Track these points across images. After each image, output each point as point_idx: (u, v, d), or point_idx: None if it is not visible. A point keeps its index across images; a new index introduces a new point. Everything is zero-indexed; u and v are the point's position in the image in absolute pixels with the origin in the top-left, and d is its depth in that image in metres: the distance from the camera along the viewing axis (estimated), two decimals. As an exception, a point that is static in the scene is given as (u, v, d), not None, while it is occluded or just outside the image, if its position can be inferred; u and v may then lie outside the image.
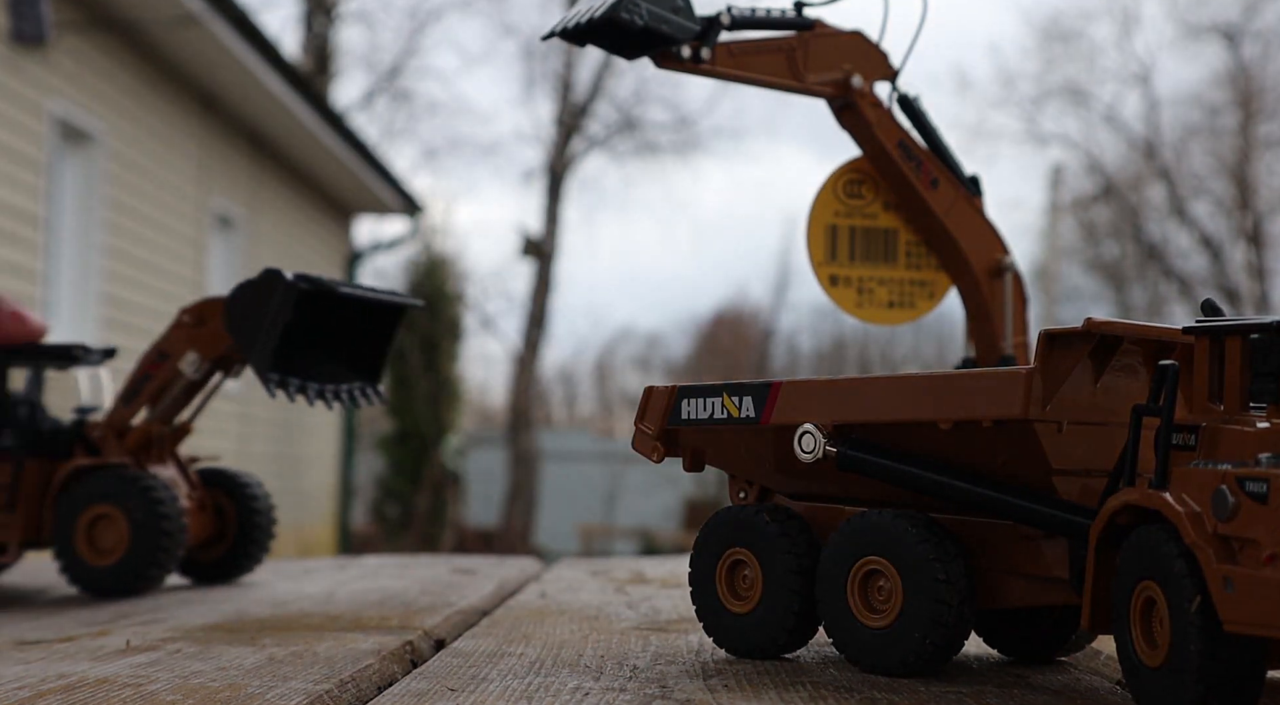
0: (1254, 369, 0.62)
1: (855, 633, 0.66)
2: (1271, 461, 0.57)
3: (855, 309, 1.18)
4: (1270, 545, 0.55)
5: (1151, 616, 0.59)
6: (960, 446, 0.67)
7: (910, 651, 0.67)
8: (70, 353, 1.48)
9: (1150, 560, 0.59)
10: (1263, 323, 0.62)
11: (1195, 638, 0.56)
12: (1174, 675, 0.58)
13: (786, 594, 0.70)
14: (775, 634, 0.70)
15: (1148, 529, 0.60)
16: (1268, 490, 0.56)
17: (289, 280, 0.99)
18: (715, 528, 0.74)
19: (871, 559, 0.66)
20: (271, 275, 1.00)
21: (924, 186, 1.19)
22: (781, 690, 0.65)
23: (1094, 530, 0.62)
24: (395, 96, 13.77)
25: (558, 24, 1.05)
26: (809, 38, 1.13)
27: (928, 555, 0.66)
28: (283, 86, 6.46)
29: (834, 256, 1.19)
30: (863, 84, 1.16)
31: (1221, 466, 0.59)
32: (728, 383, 0.71)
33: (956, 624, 0.67)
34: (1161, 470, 0.61)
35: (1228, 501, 0.57)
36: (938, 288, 1.24)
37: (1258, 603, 0.54)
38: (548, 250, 11.80)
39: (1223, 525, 0.57)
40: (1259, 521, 0.56)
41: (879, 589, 0.67)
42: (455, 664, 0.72)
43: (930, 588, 0.66)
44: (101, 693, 0.63)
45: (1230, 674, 0.56)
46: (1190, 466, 0.61)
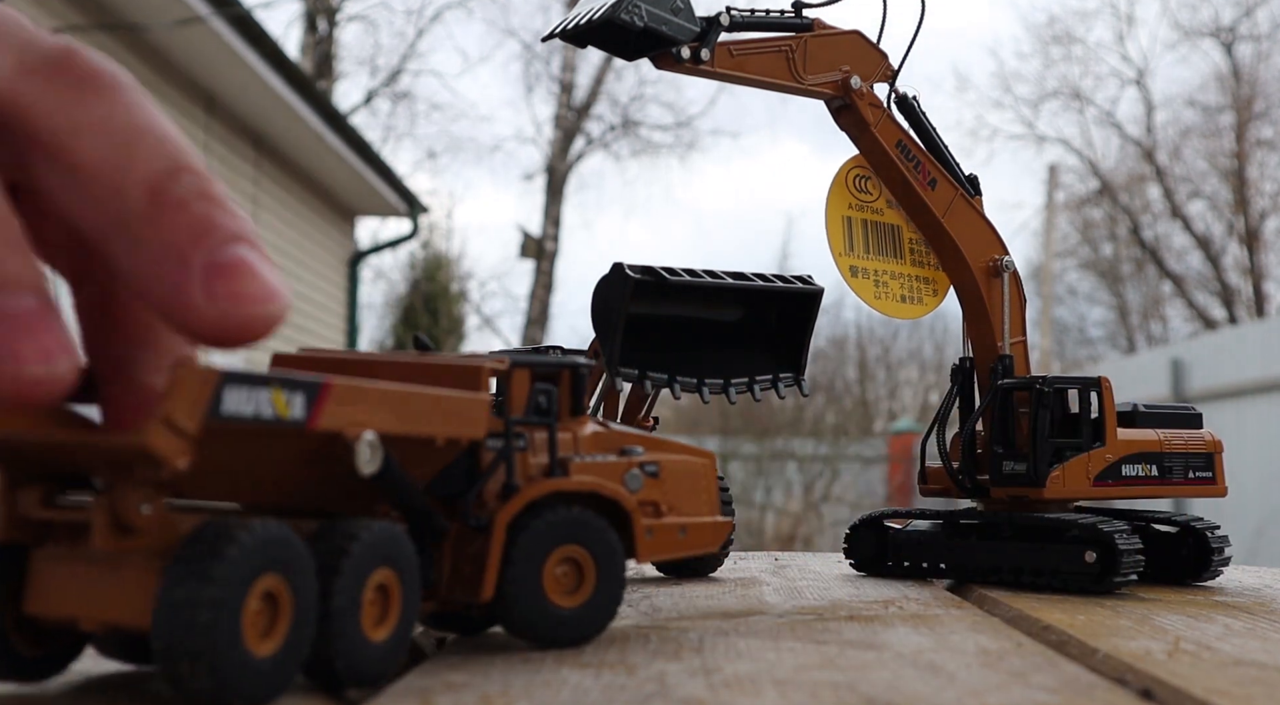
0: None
1: (362, 646, 0.63)
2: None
3: (874, 301, 1.18)
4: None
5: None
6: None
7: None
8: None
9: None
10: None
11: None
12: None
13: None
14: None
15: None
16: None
17: (626, 273, 0.94)
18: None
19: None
20: (614, 268, 0.96)
21: (922, 186, 1.19)
22: (781, 689, 0.65)
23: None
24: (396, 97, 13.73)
25: (558, 25, 1.05)
26: (808, 38, 1.14)
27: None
28: (285, 87, 6.46)
29: (851, 248, 1.19)
30: (861, 84, 1.16)
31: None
32: (279, 375, 0.58)
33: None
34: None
35: (640, 479, 0.79)
36: (939, 285, 1.24)
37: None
38: (548, 250, 11.78)
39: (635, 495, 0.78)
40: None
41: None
42: (456, 661, 0.72)
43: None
44: (102, 693, 0.63)
45: None
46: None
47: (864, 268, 1.20)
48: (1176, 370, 10.55)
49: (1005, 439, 1.19)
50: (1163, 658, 0.77)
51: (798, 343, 1.08)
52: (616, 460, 0.79)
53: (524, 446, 0.75)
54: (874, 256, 1.21)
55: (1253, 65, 17.20)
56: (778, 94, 1.16)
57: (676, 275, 0.98)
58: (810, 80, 1.14)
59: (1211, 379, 10.03)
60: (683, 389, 1.02)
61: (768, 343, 1.08)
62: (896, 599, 1.07)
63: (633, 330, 0.98)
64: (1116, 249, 19.16)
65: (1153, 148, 17.82)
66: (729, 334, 1.06)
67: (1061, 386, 1.19)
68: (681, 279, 0.98)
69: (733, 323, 1.06)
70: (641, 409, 1.10)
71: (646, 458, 0.80)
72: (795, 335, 1.08)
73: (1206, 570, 1.20)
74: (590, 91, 13.92)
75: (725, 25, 1.07)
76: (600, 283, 0.97)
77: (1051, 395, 1.17)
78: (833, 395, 18.30)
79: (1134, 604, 1.05)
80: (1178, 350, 11.32)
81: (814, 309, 1.08)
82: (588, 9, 1.01)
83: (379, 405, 0.63)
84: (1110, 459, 1.18)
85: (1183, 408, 1.28)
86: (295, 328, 9.16)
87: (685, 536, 0.81)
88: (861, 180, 1.21)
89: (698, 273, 1.00)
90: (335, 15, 12.55)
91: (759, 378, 1.07)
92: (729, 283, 1.01)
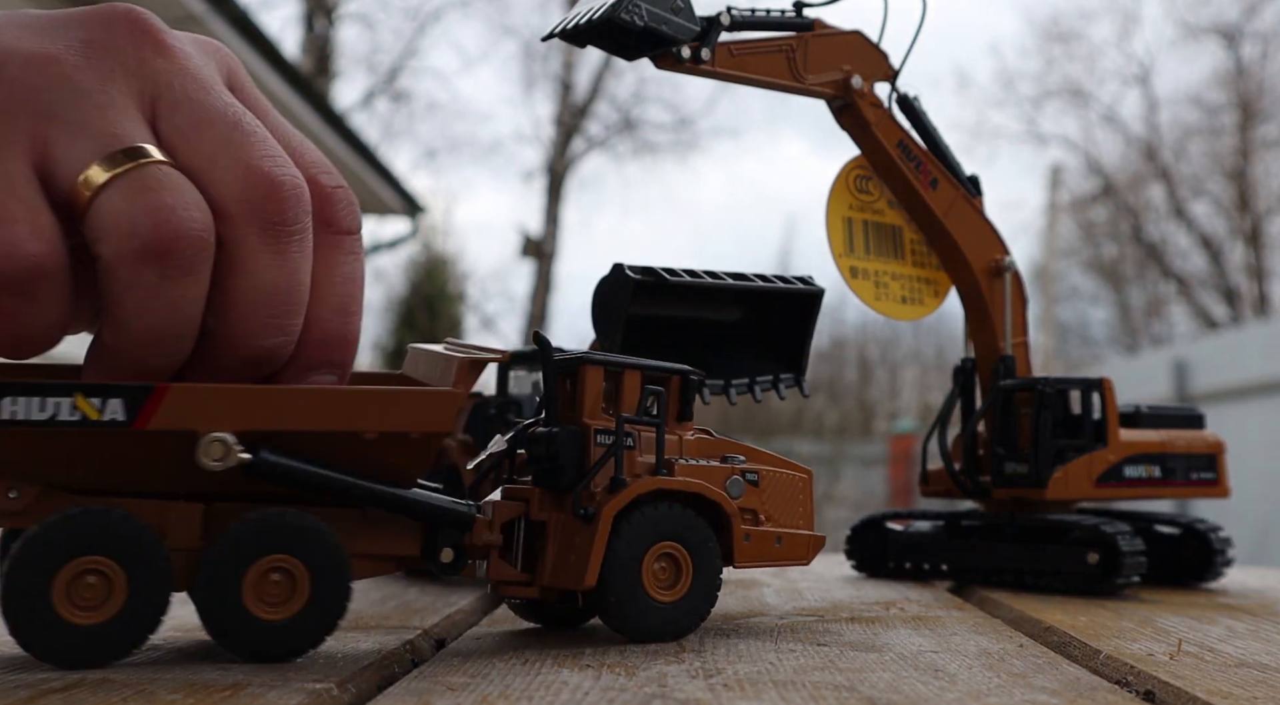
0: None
1: (249, 625, 0.70)
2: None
3: (874, 302, 1.18)
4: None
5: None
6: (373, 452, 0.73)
7: (310, 640, 0.72)
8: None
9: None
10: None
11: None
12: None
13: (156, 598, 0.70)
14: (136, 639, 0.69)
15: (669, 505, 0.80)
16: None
17: (626, 273, 0.94)
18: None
19: (277, 557, 0.71)
20: (614, 269, 0.95)
21: (923, 186, 1.19)
22: (781, 690, 0.65)
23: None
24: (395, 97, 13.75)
25: (557, 25, 1.04)
26: (808, 38, 1.13)
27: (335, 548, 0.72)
28: (283, 86, 6.46)
29: (852, 249, 1.18)
30: (862, 84, 1.16)
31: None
32: (81, 383, 0.67)
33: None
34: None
35: (741, 485, 0.83)
36: (941, 286, 1.24)
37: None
38: (548, 250, 11.80)
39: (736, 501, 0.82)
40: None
41: (274, 583, 0.71)
42: (455, 663, 0.72)
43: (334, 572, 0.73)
44: (102, 692, 0.63)
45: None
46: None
47: (865, 268, 1.20)
48: (1179, 371, 10.55)
49: (1007, 440, 1.18)
50: (1165, 659, 0.76)
51: (798, 343, 1.08)
52: (719, 466, 0.84)
53: (632, 445, 0.82)
54: (875, 257, 1.20)
55: (1257, 64, 17.20)
56: (778, 93, 1.15)
57: (677, 276, 0.97)
58: (811, 80, 1.14)
59: (1214, 379, 10.03)
60: None
61: (768, 343, 1.07)
62: (898, 600, 1.07)
63: (633, 331, 0.98)
64: (1119, 249, 19.16)
65: (1156, 147, 17.82)
66: (729, 335, 1.06)
67: (1063, 387, 1.18)
68: (682, 279, 0.98)
69: (733, 323, 1.06)
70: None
71: (748, 466, 0.85)
72: (796, 336, 1.07)
73: (1209, 572, 1.20)
74: (590, 91, 13.93)
75: (726, 25, 1.07)
76: (600, 283, 0.96)
77: (1053, 396, 1.17)
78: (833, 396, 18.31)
79: (1136, 606, 1.04)
80: (1180, 351, 11.33)
81: (815, 310, 1.08)
82: (587, 8, 1.01)
83: (236, 405, 0.69)
84: (1112, 460, 1.18)
85: (1185, 408, 1.27)
86: (296, 328, 9.15)
87: (780, 546, 0.84)
88: (862, 181, 1.21)
89: (698, 273, 1.00)
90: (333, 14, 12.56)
91: (759, 378, 1.06)
92: (729, 283, 1.00)
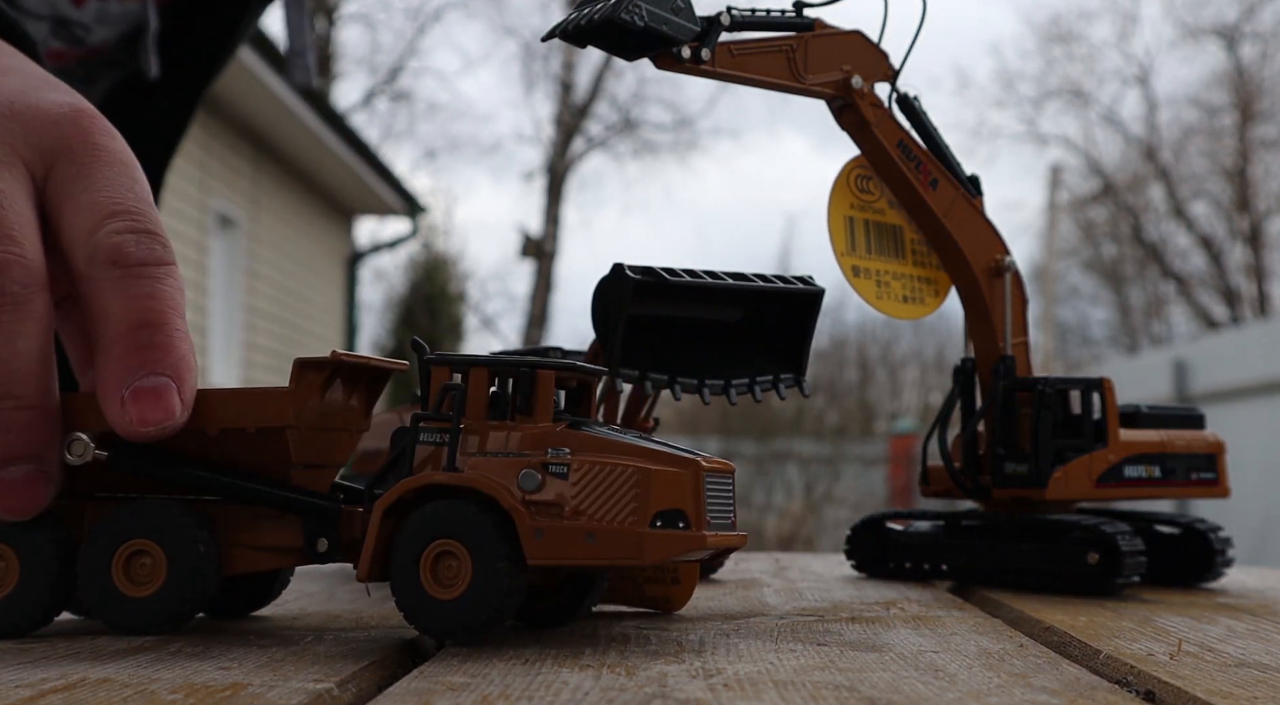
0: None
1: (120, 603, 0.79)
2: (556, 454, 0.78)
3: (876, 301, 1.17)
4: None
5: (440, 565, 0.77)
6: (225, 448, 0.81)
7: (169, 618, 0.79)
8: None
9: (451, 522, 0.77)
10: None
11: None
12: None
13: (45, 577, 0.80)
14: (32, 613, 0.81)
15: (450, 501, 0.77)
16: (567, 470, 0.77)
17: (626, 274, 0.94)
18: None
19: (138, 541, 0.79)
20: (614, 269, 0.95)
21: (923, 186, 1.19)
22: (781, 690, 0.65)
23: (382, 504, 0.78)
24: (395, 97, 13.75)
25: (558, 25, 1.04)
26: (808, 38, 1.13)
27: (191, 532, 0.79)
28: (283, 87, 6.47)
29: (854, 248, 1.18)
30: (862, 84, 1.16)
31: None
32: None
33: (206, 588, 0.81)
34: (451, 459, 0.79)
35: (536, 478, 0.77)
36: (941, 286, 1.23)
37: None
38: (548, 250, 11.79)
39: (529, 495, 0.77)
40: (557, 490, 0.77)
41: (142, 566, 0.79)
42: (455, 663, 0.72)
43: (191, 558, 0.79)
44: (102, 692, 0.63)
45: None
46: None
47: (866, 268, 1.20)
48: (1179, 371, 10.55)
49: (1007, 440, 1.18)
50: (1165, 659, 0.77)
51: (799, 343, 1.07)
52: (513, 459, 0.78)
53: (437, 442, 0.81)
54: (876, 256, 1.20)
55: (1256, 64, 17.20)
56: (778, 93, 1.15)
57: (677, 276, 0.97)
58: (811, 80, 1.14)
59: (1214, 379, 10.02)
60: (683, 390, 1.02)
61: (768, 343, 1.07)
62: (898, 600, 1.07)
63: (633, 331, 0.98)
64: (1119, 249, 19.16)
65: (1156, 147, 17.82)
66: (730, 335, 1.06)
67: (1063, 387, 1.18)
68: (682, 279, 0.97)
69: (733, 323, 1.06)
70: (642, 410, 1.10)
71: (554, 459, 0.78)
72: (796, 336, 1.07)
73: (1209, 572, 1.20)
74: (590, 91, 13.92)
75: (726, 25, 1.07)
76: (600, 283, 0.96)
77: (1053, 396, 1.17)
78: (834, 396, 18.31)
79: (1136, 606, 1.04)
80: (1180, 351, 11.33)
81: (815, 309, 1.07)
82: (588, 9, 1.01)
83: (88, 410, 0.79)
84: (1112, 460, 1.17)
85: (1185, 408, 1.27)
86: (294, 328, 9.16)
87: (595, 543, 0.77)
88: (863, 180, 1.21)
89: (698, 273, 0.99)
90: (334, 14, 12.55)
91: (760, 378, 1.06)
92: (729, 283, 1.00)
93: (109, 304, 0.78)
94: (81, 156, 0.82)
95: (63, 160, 0.82)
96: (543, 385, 0.80)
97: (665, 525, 0.77)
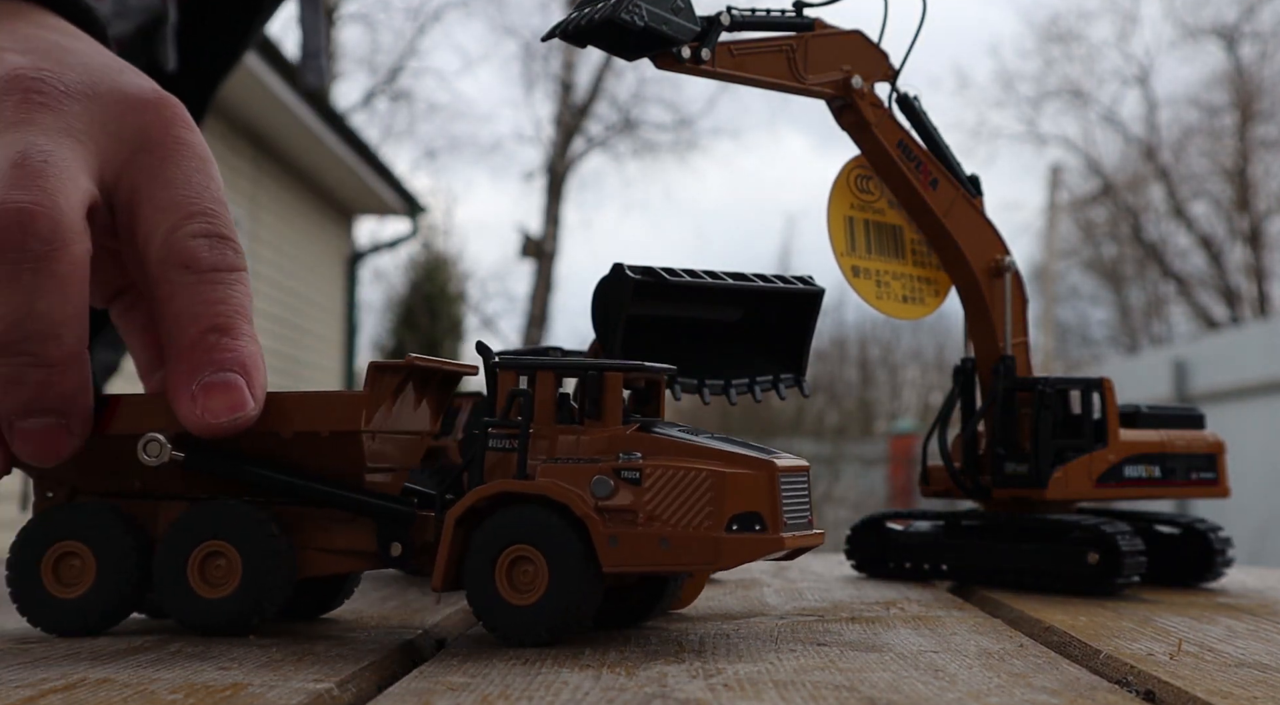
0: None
1: (195, 603, 0.79)
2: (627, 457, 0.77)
3: (876, 301, 1.17)
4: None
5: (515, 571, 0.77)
6: (298, 451, 0.80)
7: (243, 619, 0.79)
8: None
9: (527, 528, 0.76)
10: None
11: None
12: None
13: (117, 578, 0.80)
14: (105, 612, 0.81)
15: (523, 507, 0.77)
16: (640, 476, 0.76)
17: (626, 274, 0.94)
18: (41, 525, 0.83)
19: (214, 542, 0.79)
20: (614, 269, 0.95)
21: (923, 186, 1.19)
22: (781, 690, 0.65)
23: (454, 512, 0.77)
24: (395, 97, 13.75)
25: (558, 25, 1.04)
26: (808, 38, 1.13)
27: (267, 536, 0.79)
28: (283, 87, 6.47)
29: (854, 248, 1.18)
30: (862, 84, 1.16)
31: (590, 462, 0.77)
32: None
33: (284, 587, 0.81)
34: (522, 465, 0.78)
35: (609, 485, 0.76)
36: (941, 286, 1.23)
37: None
38: (548, 250, 11.79)
39: (603, 502, 0.76)
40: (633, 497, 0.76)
41: (217, 567, 0.79)
42: (455, 663, 0.72)
43: (266, 561, 0.79)
44: (102, 692, 0.63)
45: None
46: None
47: (866, 268, 1.20)
48: (1179, 371, 10.55)
49: (1007, 440, 1.18)
50: (1165, 659, 0.76)
51: (799, 343, 1.07)
52: (586, 465, 0.77)
53: (506, 448, 0.81)
54: (876, 256, 1.20)
55: (1256, 64, 17.20)
56: (778, 93, 1.15)
57: (677, 276, 0.97)
58: (811, 80, 1.14)
59: (1214, 379, 10.03)
60: (684, 390, 1.01)
61: (768, 343, 1.07)
62: (898, 600, 1.07)
63: (633, 331, 0.98)
64: (1119, 249, 19.16)
65: (1156, 147, 17.82)
66: (729, 335, 1.06)
67: (1063, 387, 1.18)
68: (682, 280, 0.97)
69: (733, 323, 1.06)
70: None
71: (626, 464, 0.77)
72: (796, 336, 1.07)
73: (1209, 572, 1.20)
74: (590, 91, 13.92)
75: (726, 25, 1.07)
76: (600, 283, 0.96)
77: (1053, 396, 1.17)
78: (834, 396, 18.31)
79: (1136, 606, 1.04)
80: (1180, 351, 11.33)
81: (815, 309, 1.07)
82: (588, 9, 1.01)
83: (160, 411, 0.79)
84: (1112, 460, 1.17)
85: (1185, 408, 1.27)
86: (294, 328, 9.15)
87: (668, 549, 0.75)
88: (863, 180, 1.21)
89: (698, 273, 0.99)
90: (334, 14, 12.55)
91: (760, 378, 1.06)
92: (729, 283, 1.00)
93: (180, 308, 0.78)
94: (161, 149, 0.82)
95: (143, 150, 0.81)
96: (611, 387, 0.79)
97: (741, 529, 0.75)
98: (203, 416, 0.76)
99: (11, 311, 0.74)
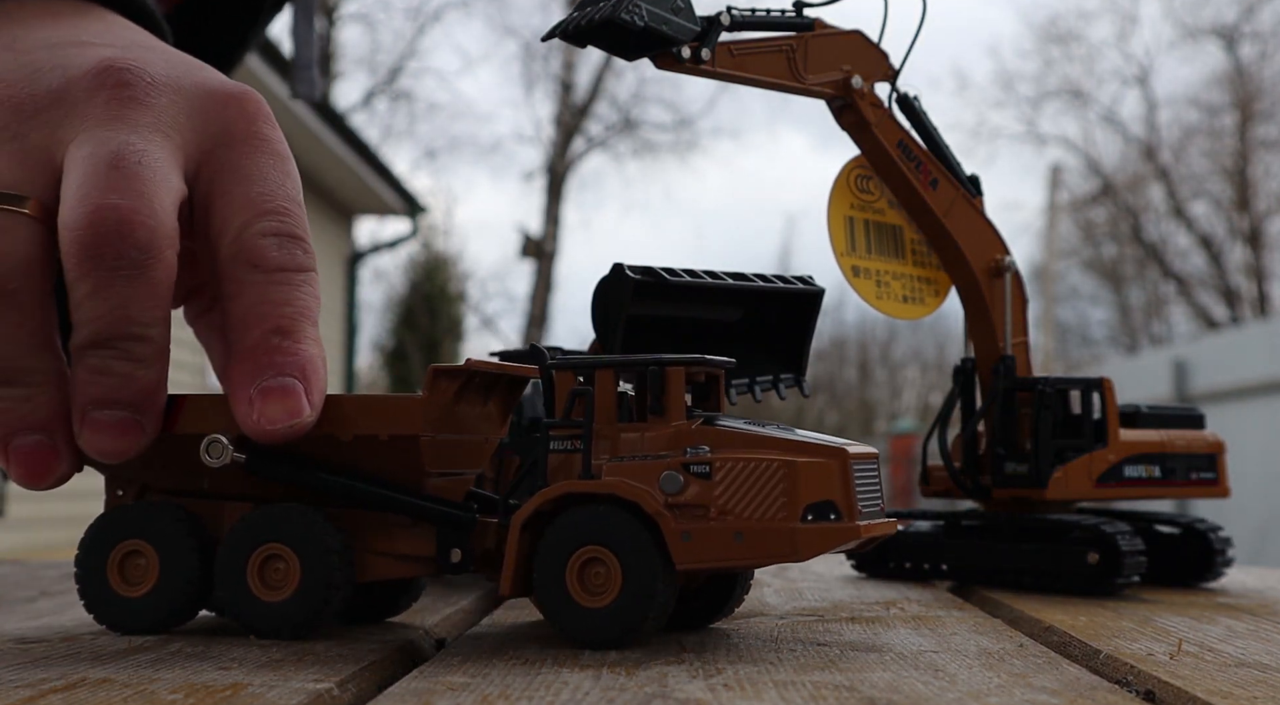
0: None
1: (254, 606, 0.79)
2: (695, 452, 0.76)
3: (876, 301, 1.18)
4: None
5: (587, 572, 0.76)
6: (358, 454, 0.80)
7: (302, 622, 0.79)
8: None
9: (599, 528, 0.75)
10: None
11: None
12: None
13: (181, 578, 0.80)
14: (170, 611, 0.81)
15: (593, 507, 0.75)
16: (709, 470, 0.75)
17: (626, 274, 0.94)
18: (108, 523, 0.83)
19: (274, 545, 0.79)
20: (614, 269, 0.95)
21: (923, 186, 1.19)
22: (781, 690, 0.65)
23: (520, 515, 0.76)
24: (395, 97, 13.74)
25: (558, 25, 1.04)
26: (808, 38, 1.13)
27: (325, 538, 0.78)
28: (283, 87, 6.46)
29: (854, 248, 1.18)
30: (862, 84, 1.16)
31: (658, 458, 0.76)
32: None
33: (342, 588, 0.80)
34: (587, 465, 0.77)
35: (678, 480, 0.74)
36: (941, 286, 1.23)
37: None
38: (548, 250, 11.79)
39: (673, 498, 0.75)
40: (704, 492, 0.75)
41: (276, 570, 0.79)
42: (455, 663, 0.72)
43: (324, 565, 0.78)
44: (102, 692, 0.63)
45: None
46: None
47: (866, 268, 1.20)
48: (1179, 371, 10.55)
49: (1007, 440, 1.18)
50: (1165, 659, 0.76)
51: (798, 343, 1.08)
52: (654, 461, 0.76)
53: (568, 449, 0.81)
54: (876, 256, 1.20)
55: (1256, 64, 17.20)
56: (778, 93, 1.15)
57: (677, 276, 0.97)
58: (811, 80, 1.14)
59: (1214, 379, 10.03)
60: None
61: (768, 343, 1.07)
62: (898, 600, 1.07)
63: (633, 331, 0.98)
64: (1119, 249, 19.17)
65: (1155, 147, 17.82)
66: (729, 335, 1.06)
67: (1063, 387, 1.18)
68: (682, 280, 0.97)
69: (733, 323, 1.06)
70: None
71: (695, 459, 0.76)
72: (796, 336, 1.07)
73: (1209, 572, 1.20)
74: (590, 91, 13.93)
75: (726, 25, 1.07)
76: (600, 283, 0.96)
77: (1053, 396, 1.17)
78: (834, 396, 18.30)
79: (1136, 605, 1.04)
80: (1180, 351, 11.33)
81: (815, 309, 1.08)
82: (588, 9, 1.01)
83: (224, 412, 0.78)
84: (1112, 460, 1.17)
85: (1185, 408, 1.27)
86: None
87: (743, 543, 0.74)
88: (863, 180, 1.21)
89: (698, 273, 0.99)
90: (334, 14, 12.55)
91: (760, 378, 1.06)
92: (729, 283, 1.00)
93: (245, 308, 0.77)
94: (242, 144, 0.80)
95: (222, 145, 0.80)
96: (673, 382, 0.78)
97: (817, 519, 0.74)
98: (259, 422, 0.76)
99: (106, 313, 0.73)
